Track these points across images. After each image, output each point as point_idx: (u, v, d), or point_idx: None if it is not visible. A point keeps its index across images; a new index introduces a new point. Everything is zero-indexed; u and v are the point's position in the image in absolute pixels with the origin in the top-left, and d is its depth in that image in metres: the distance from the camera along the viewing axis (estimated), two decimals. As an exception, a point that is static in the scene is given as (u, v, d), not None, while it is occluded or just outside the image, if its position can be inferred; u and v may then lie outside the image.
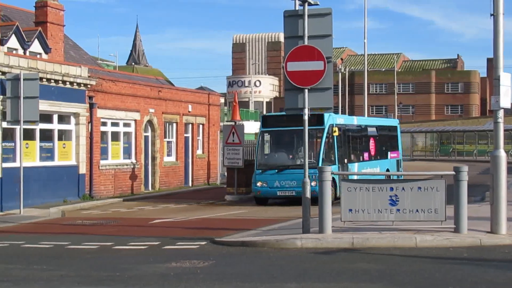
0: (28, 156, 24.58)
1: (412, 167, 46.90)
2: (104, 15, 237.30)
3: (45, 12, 31.72)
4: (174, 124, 34.70)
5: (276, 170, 24.74)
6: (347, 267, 11.99)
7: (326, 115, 24.72)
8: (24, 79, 22.23)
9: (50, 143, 26.21)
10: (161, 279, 11.17)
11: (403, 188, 15.02)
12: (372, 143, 29.65)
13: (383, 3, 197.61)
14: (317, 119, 24.03)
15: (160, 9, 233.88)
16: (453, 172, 14.80)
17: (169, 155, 34.42)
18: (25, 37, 29.76)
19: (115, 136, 30.29)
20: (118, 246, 15.34)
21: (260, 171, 25.05)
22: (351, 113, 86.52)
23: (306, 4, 15.34)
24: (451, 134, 73.29)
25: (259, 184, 25.00)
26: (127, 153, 30.97)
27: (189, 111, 35.62)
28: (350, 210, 15.13)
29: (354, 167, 27.08)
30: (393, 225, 15.18)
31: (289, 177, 24.38)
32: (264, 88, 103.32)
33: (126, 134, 31.07)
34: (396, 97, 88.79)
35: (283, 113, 23.44)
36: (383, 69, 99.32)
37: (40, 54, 30.62)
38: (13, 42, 29.28)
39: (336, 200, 21.70)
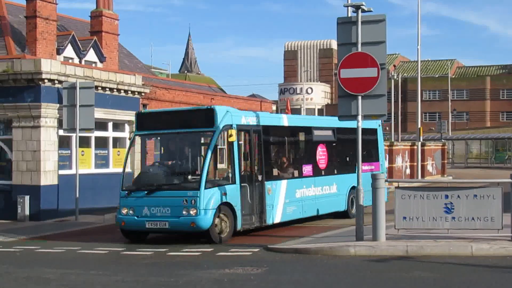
0: (84, 164, 24.96)
1: (467, 175, 46.26)
2: (158, 24, 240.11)
3: (100, 21, 32.22)
4: (227, 132, 34.73)
5: (146, 192, 17.24)
6: (403, 275, 11.88)
7: (219, 112, 17.42)
8: (80, 88, 22.60)
9: (105, 151, 26.57)
10: (215, 285, 11.24)
11: (458, 196, 14.83)
12: (322, 152, 21.69)
13: (436, 9, 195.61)
14: (205, 117, 17.45)
15: (213, 18, 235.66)
16: (510, 180, 14.55)
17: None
18: (80, 46, 30.28)
19: (169, 143, 30.45)
20: (172, 252, 15.47)
21: (126, 192, 17.60)
22: (404, 120, 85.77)
23: (360, 11, 15.29)
24: (506, 141, 71.99)
25: (124, 211, 17.43)
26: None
27: (241, 119, 35.64)
28: (404, 217, 15.01)
29: (280, 187, 19.32)
30: (448, 233, 15.00)
31: (162, 202, 16.89)
32: (316, 95, 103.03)
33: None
34: (450, 103, 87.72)
35: (166, 109, 20.00)
36: (437, 76, 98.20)
37: (95, 63, 31.11)
38: (69, 51, 29.80)
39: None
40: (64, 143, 24.16)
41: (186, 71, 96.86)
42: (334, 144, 22.51)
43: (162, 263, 14.14)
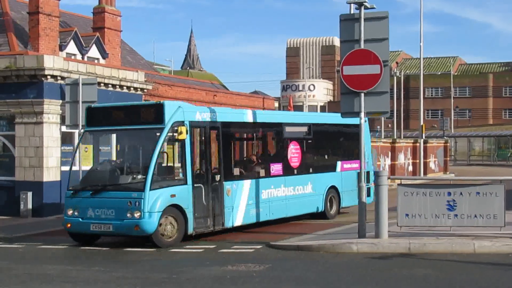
0: (87, 160, 24.94)
1: (469, 172, 46.24)
2: (160, 20, 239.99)
3: (102, 18, 32.17)
4: (229, 128, 34.70)
5: (91, 192, 16.25)
6: (405, 273, 11.87)
7: (169, 107, 16.38)
8: (82, 84, 22.57)
9: (108, 147, 26.57)
10: (217, 282, 11.24)
11: (461, 193, 14.83)
12: (295, 149, 20.38)
13: (439, 6, 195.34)
14: (154, 113, 16.54)
15: (215, 14, 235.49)
16: (513, 177, 14.54)
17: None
18: (83, 43, 30.25)
19: (171, 140, 30.44)
20: (174, 249, 15.47)
21: (72, 192, 16.65)
22: (407, 118, 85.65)
23: (363, 8, 15.26)
24: (509, 139, 71.93)
25: (69, 212, 16.46)
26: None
27: (243, 115, 35.61)
28: (407, 215, 15.00)
29: (242, 187, 18.14)
30: (450, 231, 14.99)
31: (106, 204, 15.91)
32: (318, 92, 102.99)
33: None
34: (452, 101, 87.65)
35: (116, 104, 18.47)
36: (439, 73, 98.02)
37: (97, 59, 31.09)
38: (71, 47, 29.77)
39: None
40: (67, 139, 24.16)
41: (188, 68, 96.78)
42: (310, 141, 21.35)
43: (164, 260, 14.14)
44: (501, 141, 73.22)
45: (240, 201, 17.97)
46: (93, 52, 31.03)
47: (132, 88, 26.89)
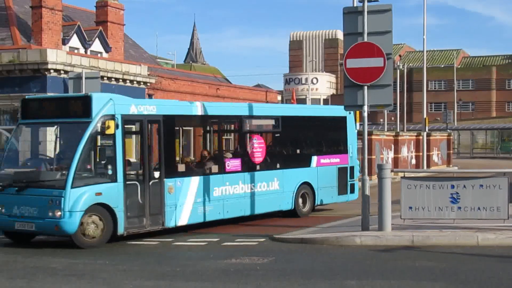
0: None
1: (473, 165, 46.25)
2: (163, 14, 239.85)
3: (105, 11, 32.19)
4: (232, 122, 34.77)
5: (16, 189, 15.34)
6: (409, 265, 11.90)
7: (97, 100, 15.41)
8: (85, 78, 22.61)
9: (110, 141, 26.57)
10: (221, 275, 11.27)
11: (464, 186, 14.85)
12: (258, 144, 19.04)
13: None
14: (82, 106, 15.56)
15: (218, 7, 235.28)
16: (517, 170, 14.56)
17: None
18: (86, 37, 30.27)
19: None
20: (178, 242, 15.51)
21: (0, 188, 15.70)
22: (410, 111, 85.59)
23: (366, 0, 15.24)
24: (512, 132, 71.87)
25: None
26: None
27: (247, 109, 35.66)
28: (410, 207, 15.04)
29: (188, 184, 16.94)
30: (453, 223, 15.03)
31: (30, 201, 15.03)
32: (321, 86, 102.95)
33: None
34: (455, 94, 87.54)
35: (48, 95, 17.59)
36: (442, 66, 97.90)
37: (100, 53, 31.11)
38: (74, 41, 29.80)
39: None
40: (70, 133, 24.17)
41: (191, 61, 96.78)
42: (278, 135, 20.24)
43: (168, 253, 14.19)
44: (504, 134, 73.14)
45: (186, 199, 16.80)
46: (96, 46, 31.06)
47: (135, 82, 26.94)
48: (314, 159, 20.72)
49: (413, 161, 43.10)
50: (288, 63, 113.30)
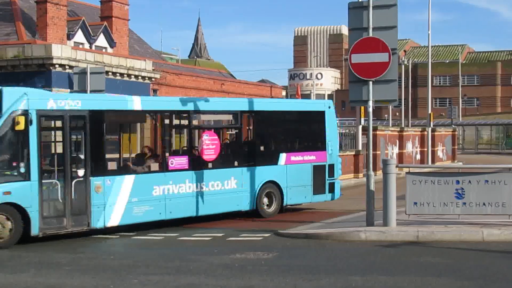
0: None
1: (477, 161, 46.17)
2: (168, 9, 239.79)
3: (110, 7, 32.19)
4: (237, 117, 34.78)
5: None
6: (413, 260, 11.89)
7: (9, 94, 14.74)
8: (90, 73, 22.61)
9: (115, 136, 26.60)
10: (225, 270, 11.28)
11: (469, 181, 14.81)
12: (210, 140, 17.96)
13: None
14: None
15: (222, 3, 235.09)
16: (522, 165, 14.52)
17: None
18: (91, 32, 30.29)
19: (179, 128, 30.54)
20: (182, 237, 15.52)
21: None
22: (415, 106, 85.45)
23: (371, -5, 15.19)
24: (517, 127, 71.70)
25: None
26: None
27: (251, 104, 35.68)
28: (415, 203, 15.00)
29: (121, 183, 16.10)
30: (458, 219, 14.99)
31: None
32: (326, 81, 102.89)
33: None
34: (460, 89, 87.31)
35: None
36: (447, 61, 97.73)
37: (105, 48, 31.12)
38: (79, 36, 29.82)
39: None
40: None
41: (195, 57, 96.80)
42: (237, 131, 19.21)
43: (173, 248, 14.19)
44: (509, 130, 72.94)
45: (118, 199, 15.95)
46: (101, 41, 31.08)
47: (140, 77, 26.95)
48: (283, 156, 19.48)
49: (418, 157, 43.06)
50: (293, 59, 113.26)
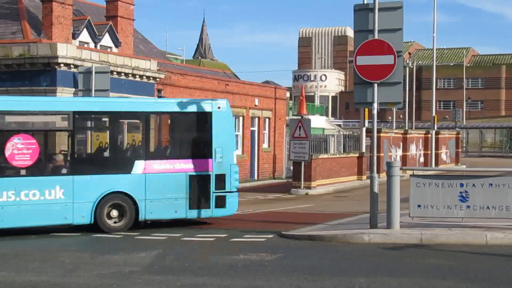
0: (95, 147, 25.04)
1: (481, 164, 46.13)
2: (173, 9, 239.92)
3: (115, 6, 32.21)
4: (241, 118, 34.87)
5: None
6: (418, 262, 11.90)
7: None
8: (95, 72, 22.68)
9: (119, 135, 26.63)
10: (229, 270, 11.29)
11: (473, 185, 14.81)
12: (23, 144, 15.97)
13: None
14: None
15: (227, 3, 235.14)
16: (526, 169, 14.52)
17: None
18: (96, 31, 30.31)
19: (183, 129, 30.55)
20: (186, 238, 15.53)
21: None
22: (419, 108, 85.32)
23: (377, -3, 15.20)
24: (521, 131, 71.63)
25: None
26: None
27: (255, 105, 35.74)
28: (419, 205, 15.00)
29: None
30: (462, 222, 14.99)
31: None
32: (330, 83, 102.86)
33: None
34: (464, 92, 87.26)
35: None
36: (452, 64, 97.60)
37: (110, 48, 31.14)
38: (84, 36, 29.84)
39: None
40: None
41: (200, 57, 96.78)
42: (67, 134, 16.71)
43: (177, 248, 14.20)
44: (513, 133, 72.89)
45: None
46: (106, 40, 31.09)
47: (144, 77, 26.96)
48: (139, 164, 17.10)
49: (422, 159, 43.05)
50: (297, 60, 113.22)
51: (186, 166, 17.39)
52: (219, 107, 18.01)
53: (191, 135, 18.33)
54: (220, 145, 17.67)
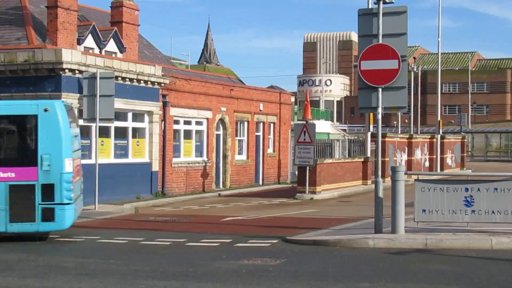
0: (103, 153, 25.09)
1: (487, 168, 46.01)
2: (178, 14, 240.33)
3: (120, 12, 32.26)
4: (246, 123, 34.86)
5: None
6: (422, 268, 11.85)
7: None
8: (100, 78, 22.70)
9: (124, 141, 26.68)
10: (233, 275, 11.26)
11: (478, 189, 14.76)
12: None
13: (457, 1, 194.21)
14: None
15: (232, 8, 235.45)
16: (531, 173, 14.46)
17: (240, 153, 34.64)
18: (101, 37, 30.36)
19: (187, 134, 30.64)
20: (190, 243, 15.50)
21: None
22: (424, 113, 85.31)
23: (381, 2, 15.19)
24: (527, 135, 71.50)
25: None
26: (198, 151, 31.29)
27: (260, 110, 35.72)
28: (424, 210, 14.96)
29: None
30: (467, 227, 14.94)
31: None
32: (335, 87, 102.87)
33: (198, 132, 31.39)
34: (469, 96, 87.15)
35: None
36: (457, 68, 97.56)
37: (115, 53, 31.19)
38: (89, 41, 29.89)
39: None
40: (84, 132, 24.26)
41: (205, 62, 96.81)
42: None
43: (181, 253, 14.19)
44: (519, 137, 72.77)
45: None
46: (111, 46, 31.14)
47: (149, 82, 26.99)
48: None
49: (427, 164, 42.97)
50: (302, 65, 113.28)
51: (6, 174, 15.59)
52: (46, 110, 15.81)
53: (13, 141, 16.36)
54: (48, 151, 15.67)
